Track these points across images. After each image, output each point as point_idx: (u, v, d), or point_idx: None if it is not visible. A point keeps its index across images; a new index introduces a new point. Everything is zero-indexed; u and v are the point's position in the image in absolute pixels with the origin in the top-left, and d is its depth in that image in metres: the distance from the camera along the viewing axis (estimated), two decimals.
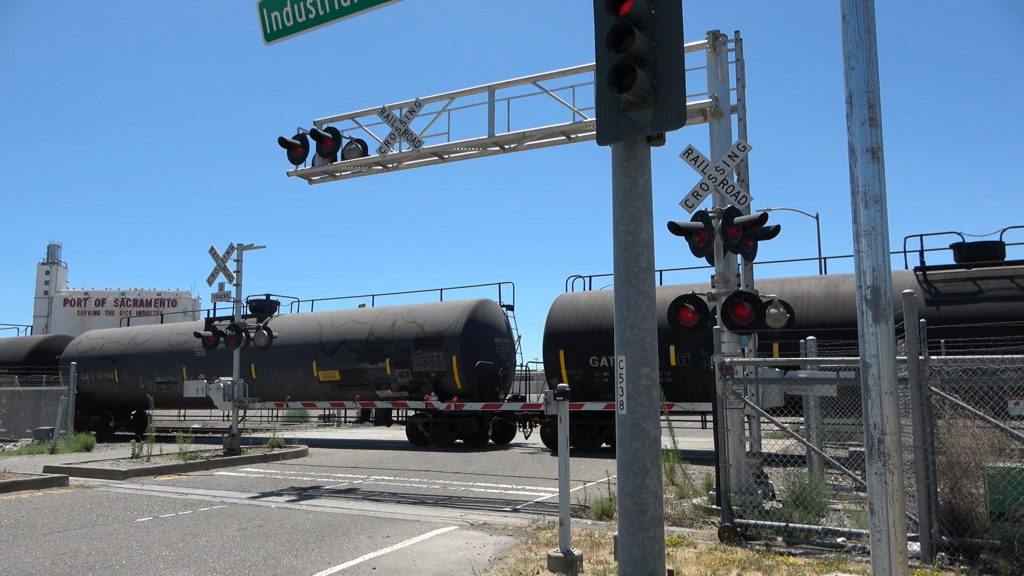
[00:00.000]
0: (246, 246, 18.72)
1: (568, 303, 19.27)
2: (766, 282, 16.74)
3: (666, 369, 16.85)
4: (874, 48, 4.11)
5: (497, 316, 21.70)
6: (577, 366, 17.99)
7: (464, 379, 19.86)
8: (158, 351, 25.50)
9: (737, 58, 10.70)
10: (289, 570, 7.03)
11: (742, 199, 9.54)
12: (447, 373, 19.94)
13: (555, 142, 12.58)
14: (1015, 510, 6.51)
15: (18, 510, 10.48)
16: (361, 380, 21.31)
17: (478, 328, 20.39)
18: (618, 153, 4.90)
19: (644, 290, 4.73)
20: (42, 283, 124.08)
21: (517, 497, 11.60)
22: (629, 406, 4.64)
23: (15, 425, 23.27)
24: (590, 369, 17.84)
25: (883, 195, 4.04)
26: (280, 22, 7.74)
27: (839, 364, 8.85)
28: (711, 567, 6.57)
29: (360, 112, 13.98)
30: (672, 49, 4.69)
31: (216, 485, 13.17)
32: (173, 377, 24.76)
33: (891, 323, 3.99)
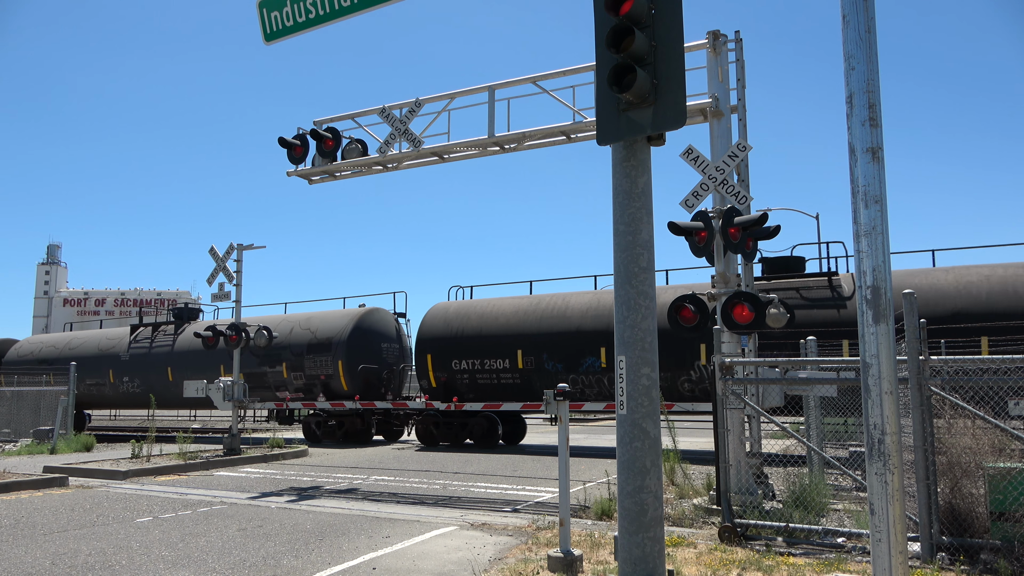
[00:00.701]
0: (246, 246, 18.72)
1: (439, 312, 21.10)
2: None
3: (515, 371, 19.05)
4: (874, 48, 4.11)
5: (386, 323, 23.69)
6: (442, 369, 19.89)
7: (349, 381, 21.56)
8: (88, 355, 27.34)
9: (737, 58, 10.70)
10: (289, 570, 7.03)
11: (742, 199, 9.54)
12: (334, 376, 21.71)
13: (555, 142, 12.58)
14: (1015, 510, 6.51)
15: (18, 510, 10.48)
16: (262, 382, 23.09)
17: (365, 334, 22.18)
18: (618, 153, 4.89)
19: (644, 290, 4.72)
20: (42, 283, 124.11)
21: (517, 497, 11.60)
22: (629, 406, 4.63)
23: (15, 425, 23.31)
24: (452, 372, 19.70)
25: (883, 195, 4.04)
26: (280, 22, 7.74)
27: (839, 364, 8.86)
28: (711, 567, 6.56)
29: (360, 112, 13.98)
30: (672, 49, 4.68)
31: (216, 485, 13.17)
32: (101, 380, 26.75)
33: (891, 323, 3.99)
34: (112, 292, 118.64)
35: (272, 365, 22.87)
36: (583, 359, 18.02)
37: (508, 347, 18.97)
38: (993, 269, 15.27)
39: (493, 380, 19.28)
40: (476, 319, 20.08)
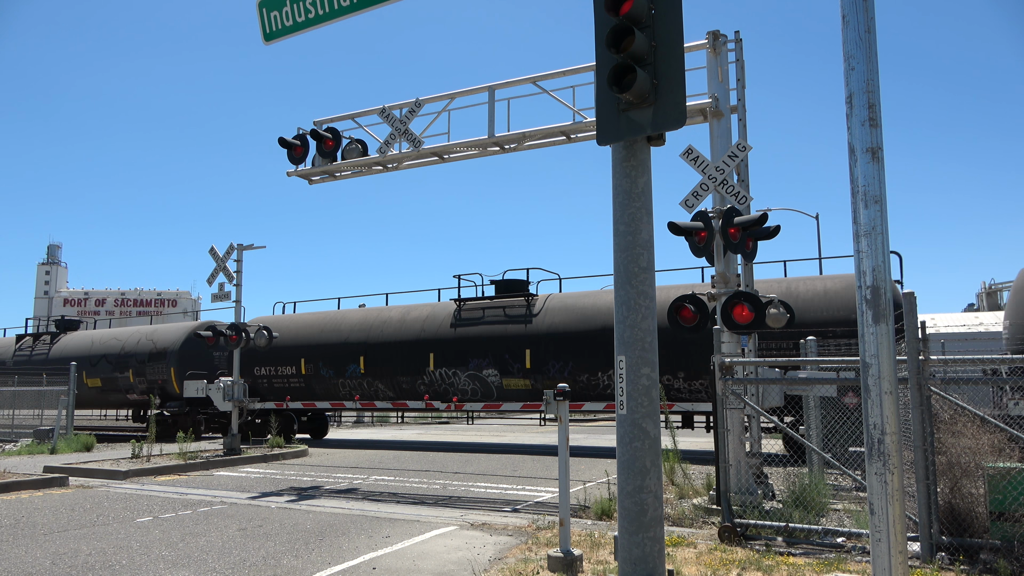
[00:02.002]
0: (246, 246, 18.72)
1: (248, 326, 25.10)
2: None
3: (299, 376, 22.55)
4: (874, 48, 4.11)
5: None
6: (248, 374, 22.73)
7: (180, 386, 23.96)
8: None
9: (737, 58, 10.70)
10: (289, 570, 7.03)
11: (742, 199, 9.54)
12: (168, 381, 24.74)
13: (555, 142, 12.58)
14: (1015, 510, 6.51)
15: (18, 510, 10.48)
16: (116, 386, 26.22)
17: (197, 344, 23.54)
18: (618, 153, 4.89)
19: (644, 290, 4.73)
20: (42, 283, 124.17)
21: (517, 497, 11.60)
22: (629, 406, 4.64)
23: (15, 425, 23.36)
24: (255, 376, 23.10)
25: (883, 195, 4.04)
26: (279, 22, 7.74)
27: (839, 364, 8.86)
28: (711, 567, 6.57)
29: (360, 112, 13.99)
30: (672, 49, 4.69)
31: (216, 485, 13.17)
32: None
33: (891, 323, 3.99)
34: (112, 292, 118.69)
35: (122, 371, 25.92)
36: (347, 366, 21.47)
37: (295, 356, 22.50)
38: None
39: (284, 384, 22.86)
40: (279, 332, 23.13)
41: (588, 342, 17.96)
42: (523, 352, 18.66)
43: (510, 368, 18.88)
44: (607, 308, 18.11)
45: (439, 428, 31.56)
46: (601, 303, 18.53)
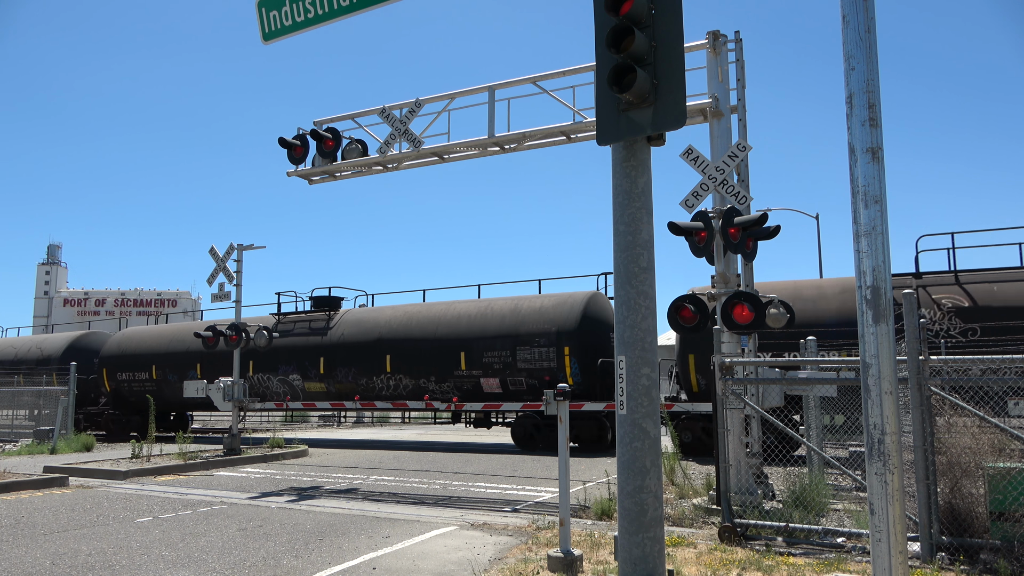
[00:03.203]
0: (246, 246, 18.72)
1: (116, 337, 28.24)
2: None
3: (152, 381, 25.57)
4: (874, 48, 4.11)
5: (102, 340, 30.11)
6: (113, 379, 26.46)
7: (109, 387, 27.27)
8: None
9: (737, 58, 10.70)
10: (289, 570, 7.03)
11: (742, 199, 9.54)
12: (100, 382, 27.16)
13: (555, 142, 12.58)
14: (1015, 510, 6.51)
15: (18, 510, 10.48)
16: None
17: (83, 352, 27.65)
18: (618, 153, 4.89)
19: (644, 290, 4.73)
20: (42, 283, 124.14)
21: (517, 497, 11.60)
22: (629, 406, 4.63)
23: (15, 425, 23.40)
24: (119, 381, 26.28)
25: (883, 195, 4.04)
26: (279, 21, 7.73)
27: (839, 364, 8.86)
28: (711, 567, 6.57)
29: (360, 112, 13.99)
30: (672, 49, 4.69)
31: (216, 485, 13.17)
32: None
33: (891, 323, 3.99)
34: (112, 292, 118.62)
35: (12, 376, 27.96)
36: (189, 371, 24.49)
37: (148, 364, 25.71)
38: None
39: (141, 387, 25.55)
40: (136, 342, 26.95)
41: (368, 350, 21.12)
42: (319, 359, 22.02)
43: (309, 373, 22.21)
44: (384, 322, 21.53)
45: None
46: (381, 318, 21.78)
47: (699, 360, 17.21)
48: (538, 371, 18.76)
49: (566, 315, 18.71)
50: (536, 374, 18.78)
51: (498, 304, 20.43)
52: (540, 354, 18.73)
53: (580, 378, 18.60)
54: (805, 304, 16.22)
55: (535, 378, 18.78)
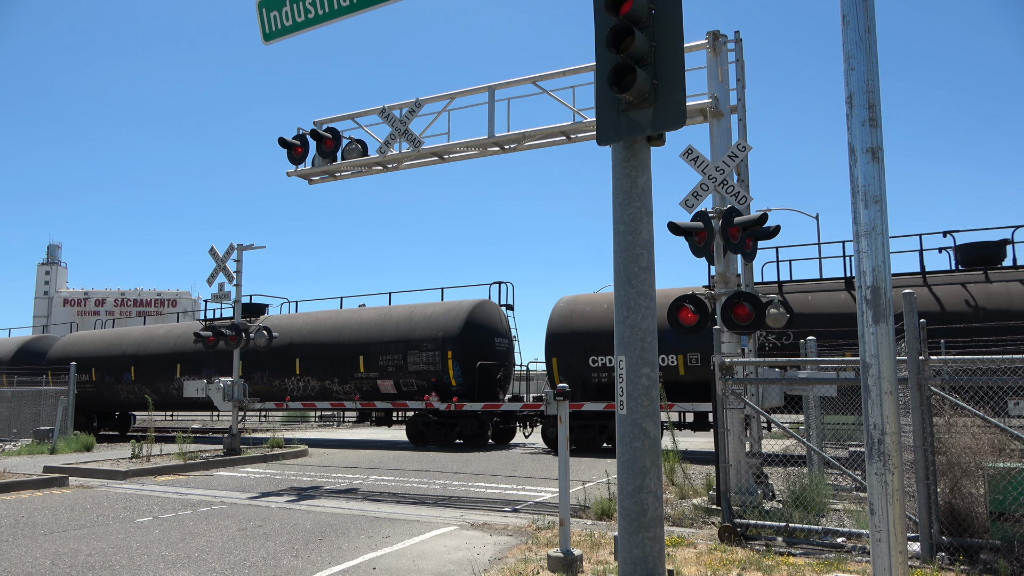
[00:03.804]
0: (246, 246, 18.72)
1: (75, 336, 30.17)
2: None
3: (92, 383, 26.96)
4: (874, 48, 4.11)
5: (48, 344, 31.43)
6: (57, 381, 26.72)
7: None
8: None
9: (737, 58, 10.70)
10: (289, 570, 7.03)
11: (742, 199, 9.54)
12: None
13: (555, 142, 12.58)
14: (1015, 510, 6.51)
15: (18, 510, 10.48)
16: None
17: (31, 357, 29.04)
18: (618, 153, 4.89)
19: (644, 290, 4.73)
20: (42, 283, 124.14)
21: (517, 497, 11.60)
22: (629, 406, 4.63)
23: (14, 425, 23.40)
24: (81, 382, 26.50)
25: (883, 195, 4.04)
26: (279, 22, 7.74)
27: (839, 364, 8.86)
28: (711, 567, 6.56)
29: (360, 112, 13.98)
30: (672, 49, 4.69)
31: (216, 485, 13.17)
32: None
33: (891, 323, 3.99)
34: (112, 292, 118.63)
35: None
36: (124, 374, 26.16)
37: (89, 367, 26.77)
38: None
39: (83, 389, 26.13)
40: (79, 347, 28.25)
41: (280, 354, 22.50)
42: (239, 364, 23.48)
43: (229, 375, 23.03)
44: (296, 328, 23.12)
45: None
46: (293, 324, 23.33)
47: (561, 363, 19.06)
48: (426, 373, 20.37)
49: (451, 322, 20.33)
50: (424, 376, 20.37)
51: (396, 311, 22.13)
52: (428, 357, 20.33)
53: (461, 379, 20.13)
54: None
55: (424, 379, 20.36)
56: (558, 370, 19.13)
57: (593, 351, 18.52)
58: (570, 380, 18.70)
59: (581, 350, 18.78)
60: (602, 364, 18.46)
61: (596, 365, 18.54)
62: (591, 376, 18.66)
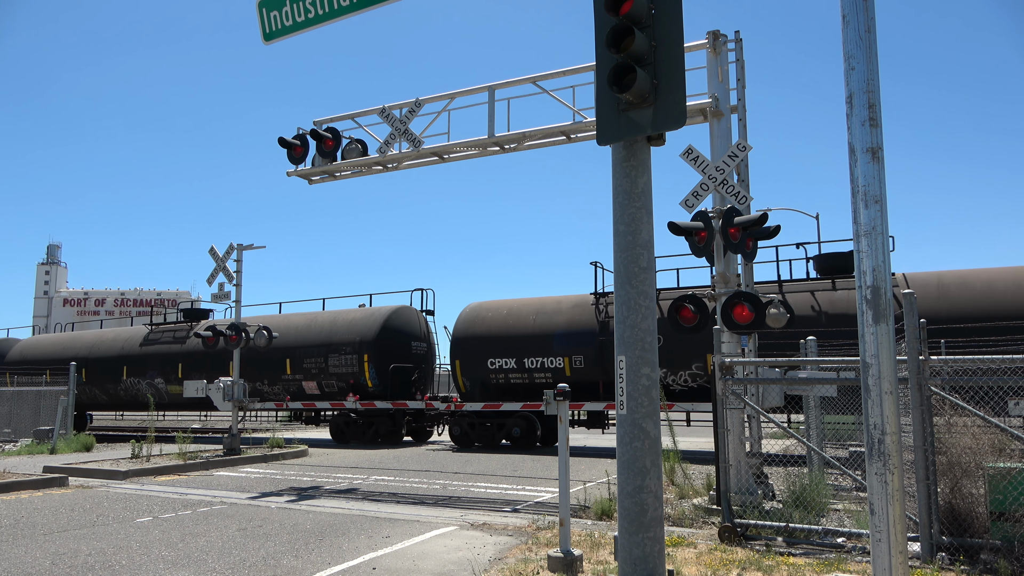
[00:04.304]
0: (246, 246, 18.72)
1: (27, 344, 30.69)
2: None
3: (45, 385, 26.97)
4: (874, 48, 4.11)
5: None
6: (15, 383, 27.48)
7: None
8: None
9: (737, 58, 10.70)
10: (289, 570, 7.03)
11: (742, 199, 9.54)
12: None
13: (555, 142, 12.57)
14: (1015, 510, 6.51)
15: (18, 510, 10.48)
16: None
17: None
18: (618, 153, 4.89)
19: (644, 290, 4.73)
20: (42, 283, 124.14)
21: (517, 497, 11.60)
22: (629, 406, 4.63)
23: (15, 425, 23.42)
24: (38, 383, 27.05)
25: (883, 195, 4.04)
26: (279, 21, 7.74)
27: (839, 364, 8.86)
28: (711, 567, 6.56)
29: (360, 112, 13.98)
30: (672, 49, 4.68)
31: (216, 485, 13.17)
32: None
33: (891, 323, 3.99)
34: (112, 292, 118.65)
35: None
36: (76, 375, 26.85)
37: (43, 369, 27.10)
38: None
39: None
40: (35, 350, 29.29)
41: (216, 357, 22.97)
42: (178, 365, 24.88)
43: (171, 377, 25.05)
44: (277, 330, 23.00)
45: None
46: (284, 327, 23.65)
47: (463, 365, 20.25)
48: (345, 375, 21.85)
49: (369, 327, 21.73)
50: (344, 378, 21.85)
51: (321, 317, 23.69)
52: (346, 360, 21.77)
53: (377, 380, 21.58)
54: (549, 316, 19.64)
55: (343, 381, 21.86)
56: (461, 372, 20.24)
57: (491, 354, 19.67)
58: (471, 381, 20.08)
59: (481, 353, 19.88)
60: (499, 366, 19.61)
61: (494, 367, 19.65)
62: (490, 377, 19.76)
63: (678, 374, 17.72)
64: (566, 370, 18.74)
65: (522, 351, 19.14)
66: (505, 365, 19.50)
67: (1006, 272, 15.71)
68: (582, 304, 19.29)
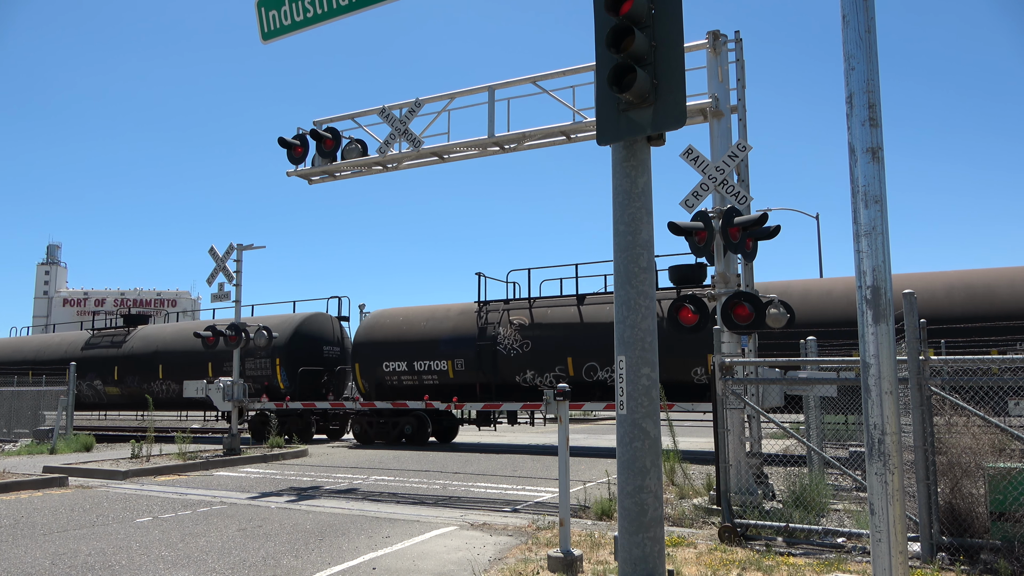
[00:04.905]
0: (246, 246, 18.72)
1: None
2: None
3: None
4: (874, 48, 4.11)
5: None
6: None
7: None
8: None
9: (737, 58, 10.70)
10: (289, 570, 7.03)
11: (742, 199, 9.54)
12: None
13: (555, 142, 12.57)
14: (1015, 510, 6.51)
15: (18, 510, 10.47)
16: None
17: None
18: (618, 153, 4.89)
19: (644, 290, 4.72)
20: (42, 283, 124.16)
21: (517, 497, 11.60)
22: (629, 406, 4.63)
23: (15, 425, 23.44)
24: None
25: (883, 195, 4.04)
26: (278, 21, 7.73)
27: (839, 364, 8.86)
28: (711, 567, 6.56)
29: (360, 112, 13.98)
30: (672, 49, 4.68)
31: (216, 485, 13.17)
32: None
33: (891, 323, 3.99)
34: (112, 292, 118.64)
35: None
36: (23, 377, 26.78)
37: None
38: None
39: None
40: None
41: (147, 361, 25.60)
42: (113, 368, 26.43)
43: (108, 380, 26.64)
44: (161, 338, 26.01)
45: None
46: (160, 334, 26.28)
47: (362, 368, 21.73)
48: (260, 377, 23.30)
49: (282, 332, 22.83)
50: (259, 380, 23.27)
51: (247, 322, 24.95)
52: (261, 364, 23.23)
53: (288, 383, 23.02)
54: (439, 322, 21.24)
55: (259, 383, 23.18)
56: (360, 374, 21.77)
57: (386, 358, 21.27)
58: (369, 382, 21.66)
59: (378, 357, 21.43)
60: (392, 369, 21.17)
61: (388, 370, 21.26)
62: (385, 379, 21.35)
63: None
64: (449, 372, 20.23)
65: (412, 355, 20.77)
66: (398, 368, 21.12)
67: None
68: (467, 312, 20.70)
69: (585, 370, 18.20)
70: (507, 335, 19.30)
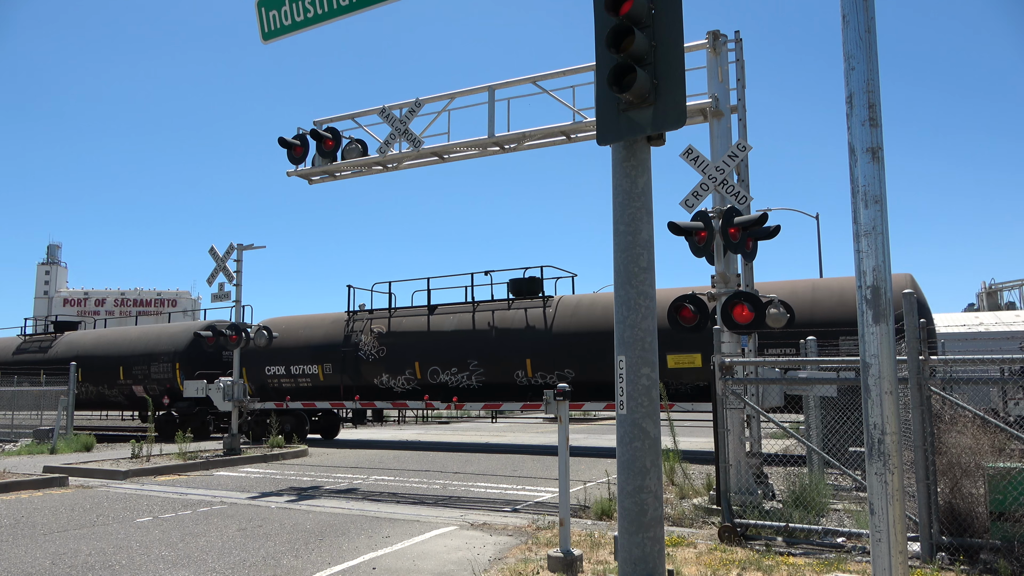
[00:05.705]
0: (246, 246, 18.72)
1: None
2: None
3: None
4: (874, 48, 4.11)
5: None
6: None
7: None
8: None
9: (737, 58, 10.70)
10: (289, 570, 7.03)
11: (742, 199, 9.54)
12: None
13: (555, 142, 12.57)
14: (1015, 510, 6.51)
15: (18, 510, 10.48)
16: None
17: None
18: (618, 153, 4.89)
19: (644, 290, 4.72)
20: (42, 283, 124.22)
21: (517, 497, 11.60)
22: (629, 406, 4.63)
23: (15, 425, 23.44)
24: None
25: (883, 195, 4.04)
26: (278, 21, 7.73)
27: (839, 364, 8.86)
28: (711, 567, 6.56)
29: (360, 112, 13.98)
30: (672, 49, 4.68)
31: (216, 485, 13.17)
32: None
33: (891, 323, 3.99)
34: (112, 292, 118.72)
35: None
36: None
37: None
38: None
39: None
40: None
41: (105, 364, 26.30)
42: (40, 372, 26.15)
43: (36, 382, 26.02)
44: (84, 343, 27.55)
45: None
46: (82, 340, 27.92)
47: (248, 372, 22.97)
48: (163, 380, 25.13)
49: (182, 339, 24.94)
50: (163, 383, 25.10)
51: (152, 329, 27.30)
52: (164, 368, 25.07)
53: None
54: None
55: (162, 386, 25.07)
56: (247, 377, 23.00)
57: (268, 363, 23.05)
58: (255, 385, 23.26)
59: (261, 362, 23.08)
60: (273, 372, 23.00)
61: (269, 373, 23.10)
62: (267, 381, 23.16)
63: None
64: (320, 376, 22.15)
65: (290, 360, 22.72)
66: (278, 372, 23.08)
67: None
68: (338, 320, 22.60)
69: (429, 373, 20.10)
70: (367, 342, 21.22)
